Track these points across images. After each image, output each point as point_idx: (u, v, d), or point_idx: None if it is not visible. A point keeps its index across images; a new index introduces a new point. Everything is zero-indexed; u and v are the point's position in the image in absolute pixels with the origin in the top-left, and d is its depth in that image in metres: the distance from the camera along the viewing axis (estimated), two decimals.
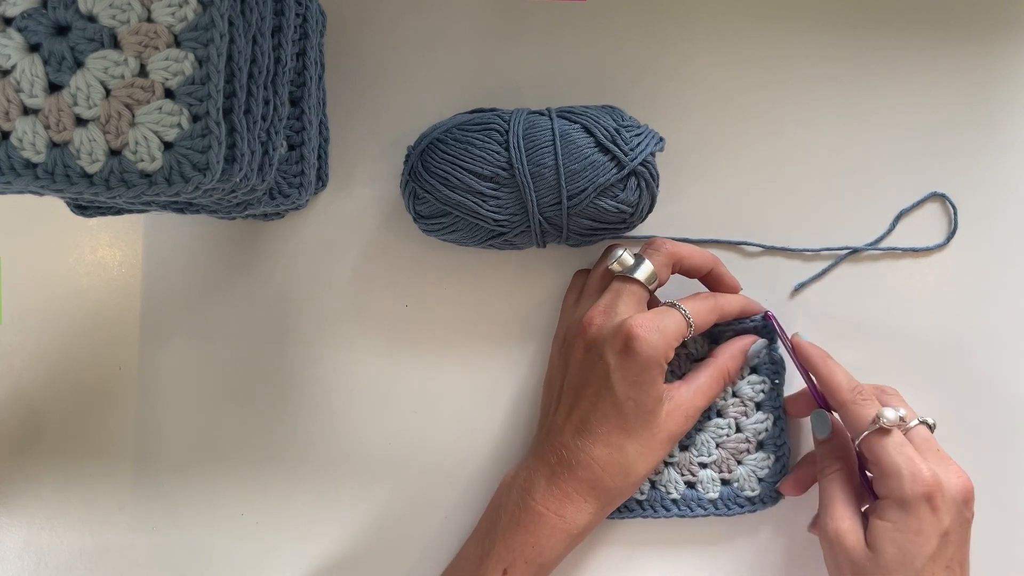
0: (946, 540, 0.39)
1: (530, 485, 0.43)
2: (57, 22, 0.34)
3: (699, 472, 0.47)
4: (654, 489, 0.47)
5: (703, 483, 0.47)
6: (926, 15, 0.50)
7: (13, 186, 0.35)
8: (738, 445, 0.47)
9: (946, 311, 0.49)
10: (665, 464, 0.47)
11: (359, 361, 0.49)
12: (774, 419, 0.47)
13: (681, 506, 0.47)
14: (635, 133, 0.44)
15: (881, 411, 0.41)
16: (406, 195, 0.46)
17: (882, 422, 0.41)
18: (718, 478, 0.47)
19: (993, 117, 0.50)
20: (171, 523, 0.49)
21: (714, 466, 0.47)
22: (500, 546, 0.42)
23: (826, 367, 0.44)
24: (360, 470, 0.49)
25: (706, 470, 0.47)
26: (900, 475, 0.40)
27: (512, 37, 0.50)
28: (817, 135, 0.50)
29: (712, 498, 0.47)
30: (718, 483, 0.47)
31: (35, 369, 0.50)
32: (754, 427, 0.47)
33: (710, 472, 0.47)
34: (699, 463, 0.47)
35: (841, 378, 0.43)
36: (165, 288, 0.50)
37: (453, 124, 0.45)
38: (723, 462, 0.47)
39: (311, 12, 0.43)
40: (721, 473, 0.47)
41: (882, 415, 0.41)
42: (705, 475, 0.47)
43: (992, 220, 0.50)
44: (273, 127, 0.40)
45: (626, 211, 0.44)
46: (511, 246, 0.46)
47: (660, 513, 0.47)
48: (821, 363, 0.44)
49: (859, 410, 0.42)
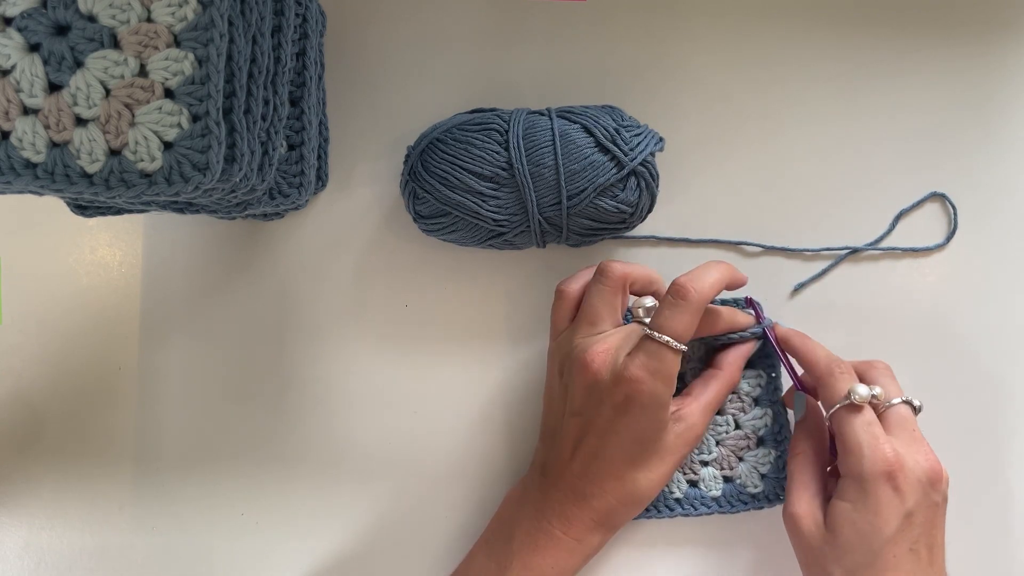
0: (909, 521, 0.38)
1: (544, 508, 0.43)
2: (57, 22, 0.34)
3: (700, 470, 0.47)
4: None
5: (705, 481, 0.46)
6: (926, 15, 0.50)
7: (13, 186, 0.35)
8: (738, 442, 0.47)
9: (946, 311, 0.49)
10: None
11: (359, 361, 0.49)
12: (773, 414, 0.46)
13: (684, 505, 0.47)
14: (635, 133, 0.44)
15: (853, 387, 0.40)
16: (406, 195, 0.46)
17: (853, 398, 0.40)
18: (720, 475, 0.47)
19: (993, 117, 0.50)
20: (171, 523, 0.49)
21: (715, 464, 0.47)
22: (518, 564, 0.42)
23: (804, 345, 0.44)
24: (360, 470, 0.49)
25: (707, 468, 0.47)
26: (861, 452, 0.39)
27: (512, 37, 0.50)
28: (817, 135, 0.50)
29: (715, 496, 0.46)
30: (720, 480, 0.47)
31: (35, 369, 0.50)
32: (752, 423, 0.46)
33: (711, 470, 0.47)
34: (700, 461, 0.47)
35: (819, 353, 0.43)
36: (165, 288, 0.50)
37: (453, 124, 0.45)
38: (724, 459, 0.47)
39: (311, 12, 0.43)
40: (723, 470, 0.47)
41: (853, 391, 0.40)
42: (707, 473, 0.47)
43: (992, 220, 0.50)
44: (273, 127, 0.40)
45: (626, 211, 0.44)
46: (511, 246, 0.46)
47: (664, 513, 0.46)
48: (799, 342, 0.44)
49: (834, 383, 0.41)
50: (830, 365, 0.42)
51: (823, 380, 0.42)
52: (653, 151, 0.44)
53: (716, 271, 0.42)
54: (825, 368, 0.42)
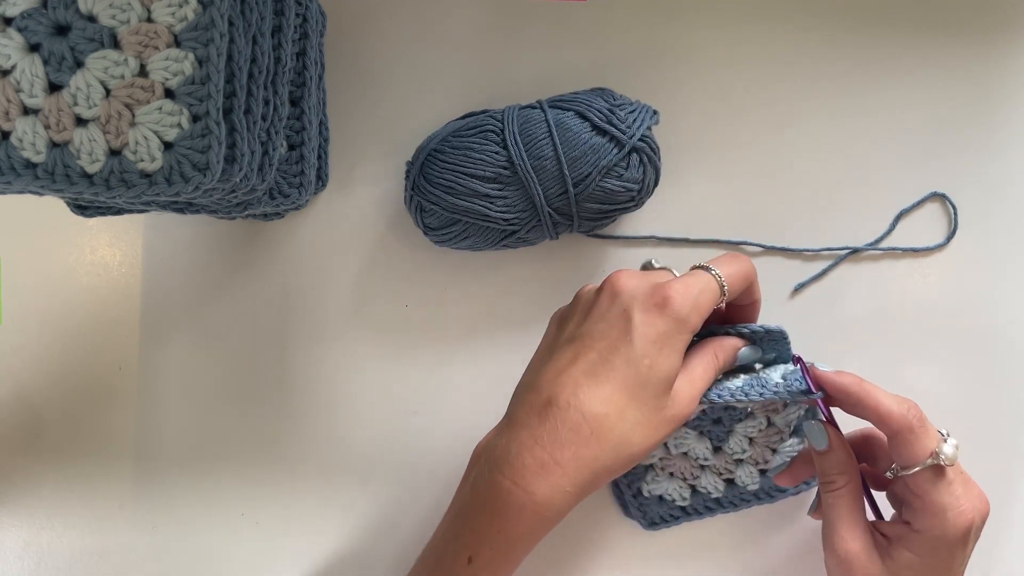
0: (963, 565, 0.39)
1: (501, 454, 0.37)
2: (57, 22, 0.34)
3: (736, 469, 0.47)
4: (695, 494, 0.47)
5: (741, 477, 0.47)
6: (926, 15, 0.50)
7: (13, 186, 0.35)
8: (770, 437, 0.46)
9: (946, 311, 0.49)
10: (701, 468, 0.47)
11: (359, 361, 0.49)
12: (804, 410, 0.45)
13: (724, 503, 0.47)
14: (629, 111, 0.44)
15: (941, 448, 0.37)
16: (412, 209, 0.46)
17: (942, 460, 0.37)
18: (756, 470, 0.47)
19: (993, 117, 0.50)
20: (171, 523, 0.49)
21: (750, 460, 0.47)
22: (466, 530, 0.37)
23: (868, 396, 0.39)
24: (360, 470, 0.49)
25: (743, 465, 0.47)
26: (944, 517, 0.37)
27: (512, 36, 0.50)
28: (817, 135, 0.50)
29: (753, 489, 0.47)
30: (756, 475, 0.47)
31: (35, 369, 0.50)
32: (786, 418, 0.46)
33: (747, 467, 0.47)
34: (735, 460, 0.47)
35: (890, 404, 0.38)
36: (165, 288, 0.50)
37: (448, 132, 0.45)
38: (758, 455, 0.46)
39: (311, 12, 0.43)
40: (758, 465, 0.47)
41: (942, 453, 0.37)
42: (743, 470, 0.47)
43: (992, 220, 0.50)
44: (273, 127, 0.40)
45: (633, 188, 0.44)
46: (524, 243, 0.46)
47: (705, 515, 0.47)
48: (859, 389, 0.39)
49: (915, 441, 0.38)
50: (908, 419, 0.38)
51: (901, 436, 0.38)
52: (650, 125, 0.44)
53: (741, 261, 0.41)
54: (902, 422, 0.38)
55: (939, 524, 0.37)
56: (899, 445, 0.38)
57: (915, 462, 0.38)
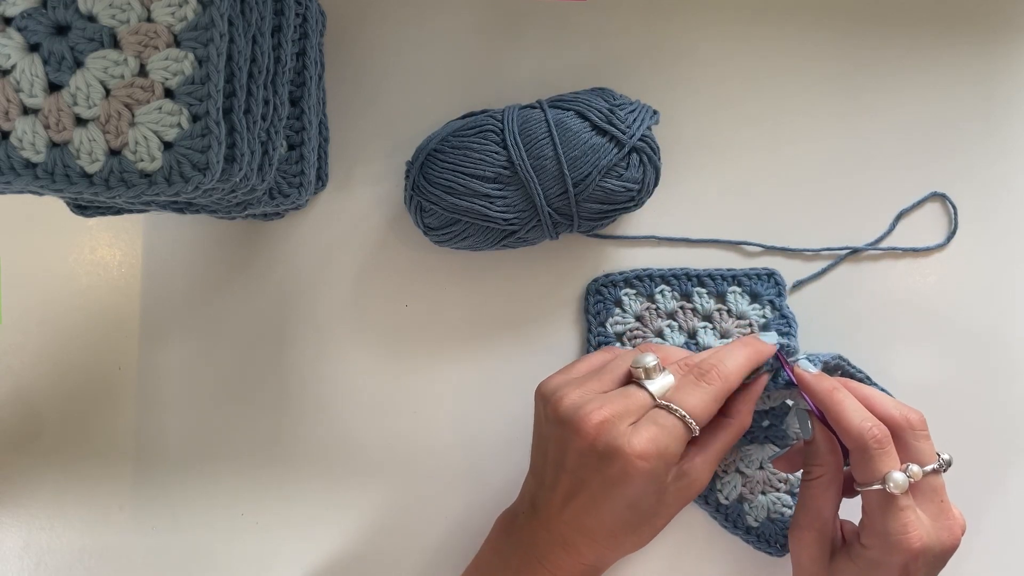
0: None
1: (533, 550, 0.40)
2: (57, 22, 0.34)
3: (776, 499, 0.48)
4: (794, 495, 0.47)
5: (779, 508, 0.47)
6: (926, 15, 0.50)
7: (13, 186, 0.35)
8: None
9: (946, 311, 0.49)
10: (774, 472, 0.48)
11: (359, 361, 0.49)
12: None
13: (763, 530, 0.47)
14: (629, 110, 0.44)
15: (890, 474, 0.37)
16: (412, 209, 0.46)
17: (889, 487, 0.37)
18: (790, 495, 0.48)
19: (993, 117, 0.50)
20: (171, 523, 0.49)
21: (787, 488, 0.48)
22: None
23: (835, 405, 0.40)
24: (360, 470, 0.49)
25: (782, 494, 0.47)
26: (886, 540, 0.38)
27: (512, 36, 0.50)
28: (817, 135, 0.50)
29: None
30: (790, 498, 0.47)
31: (35, 369, 0.50)
32: None
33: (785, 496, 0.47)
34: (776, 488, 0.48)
35: (852, 418, 0.39)
36: (165, 288, 0.50)
37: (448, 132, 0.45)
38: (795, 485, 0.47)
39: (311, 12, 0.43)
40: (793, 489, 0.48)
41: (890, 479, 0.37)
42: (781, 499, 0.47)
43: (992, 220, 0.50)
44: (273, 127, 0.40)
45: (633, 188, 0.44)
46: (524, 243, 0.46)
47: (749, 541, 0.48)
48: (829, 398, 0.40)
49: (870, 462, 0.38)
50: (865, 439, 0.38)
51: (856, 453, 0.39)
52: (650, 125, 0.44)
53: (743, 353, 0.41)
54: (858, 440, 0.38)
55: (880, 545, 0.38)
56: (855, 461, 0.39)
57: (864, 482, 0.39)
